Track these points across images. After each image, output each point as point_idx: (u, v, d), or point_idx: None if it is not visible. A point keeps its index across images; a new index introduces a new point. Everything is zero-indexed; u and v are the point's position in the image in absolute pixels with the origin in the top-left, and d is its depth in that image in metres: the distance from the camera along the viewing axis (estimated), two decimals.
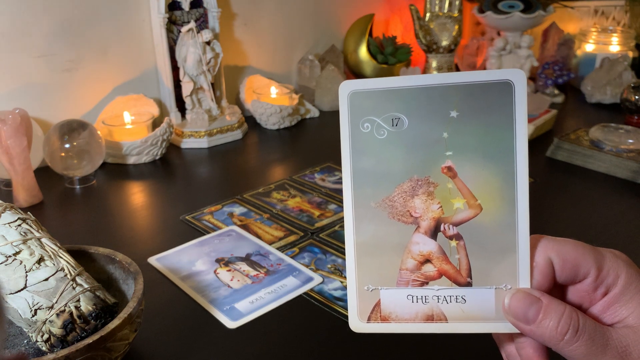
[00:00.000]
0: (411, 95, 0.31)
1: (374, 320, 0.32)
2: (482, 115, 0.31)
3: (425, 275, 0.32)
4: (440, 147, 0.31)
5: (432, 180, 0.31)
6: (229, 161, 1.00)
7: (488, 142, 0.31)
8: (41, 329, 0.46)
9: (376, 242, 0.32)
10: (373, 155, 0.32)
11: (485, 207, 0.31)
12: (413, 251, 0.32)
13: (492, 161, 0.31)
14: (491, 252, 0.31)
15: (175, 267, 0.65)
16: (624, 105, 1.09)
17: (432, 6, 1.36)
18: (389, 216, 0.32)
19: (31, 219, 0.51)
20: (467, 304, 0.31)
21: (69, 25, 0.96)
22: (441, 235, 0.31)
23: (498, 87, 0.30)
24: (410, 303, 0.32)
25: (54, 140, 0.86)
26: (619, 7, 1.48)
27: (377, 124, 0.32)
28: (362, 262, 0.32)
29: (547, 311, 0.29)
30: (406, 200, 0.32)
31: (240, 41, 1.22)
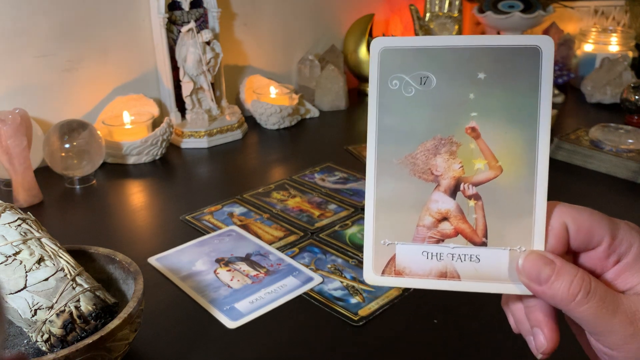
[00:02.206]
0: (441, 55, 0.31)
1: (388, 274, 0.33)
2: (508, 79, 0.31)
3: (441, 233, 0.32)
4: (465, 108, 0.31)
5: (455, 140, 0.32)
6: (229, 161, 1.00)
7: (513, 105, 0.31)
8: (41, 329, 0.46)
9: (396, 197, 0.32)
10: (399, 112, 0.32)
11: (505, 169, 0.31)
12: (431, 209, 0.32)
13: (515, 125, 0.31)
14: (508, 214, 0.31)
15: (175, 267, 0.65)
16: (624, 105, 1.09)
17: (432, 6, 1.36)
18: (410, 173, 0.32)
19: (31, 219, 0.51)
20: (481, 264, 0.32)
21: (69, 26, 0.96)
22: (460, 194, 0.32)
23: (526, 52, 0.31)
24: (425, 259, 0.32)
25: (54, 140, 0.86)
26: (619, 7, 1.48)
27: (406, 81, 0.32)
28: (381, 217, 0.32)
29: (559, 273, 0.29)
30: (428, 158, 0.32)
31: (240, 41, 1.22)
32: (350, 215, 0.77)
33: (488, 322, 0.55)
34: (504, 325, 0.55)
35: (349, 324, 0.55)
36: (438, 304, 0.58)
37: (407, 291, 0.60)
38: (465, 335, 0.53)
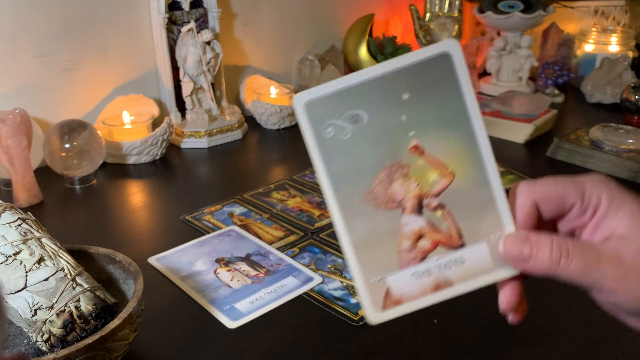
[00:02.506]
0: (362, 89, 0.32)
1: (389, 307, 0.34)
2: (431, 90, 0.32)
3: (422, 251, 0.33)
4: (402, 130, 0.33)
5: (403, 163, 0.33)
6: (229, 161, 1.00)
7: (443, 113, 0.32)
8: (41, 329, 0.46)
9: (370, 235, 0.33)
10: (343, 156, 0.33)
11: (457, 172, 0.33)
12: (405, 232, 0.33)
13: (451, 129, 0.33)
14: (474, 210, 0.33)
15: (175, 267, 0.65)
16: (624, 105, 1.09)
17: (432, 6, 1.36)
18: (374, 208, 0.33)
19: (31, 219, 0.51)
20: (467, 264, 0.33)
21: (69, 25, 0.96)
22: (426, 210, 0.33)
23: (437, 60, 0.32)
24: (416, 280, 0.34)
25: (54, 140, 0.86)
26: (619, 7, 1.48)
27: (339, 126, 0.32)
28: (363, 258, 0.33)
29: (538, 245, 0.31)
30: (386, 188, 0.33)
31: (240, 41, 1.22)
32: None
33: (488, 322, 0.55)
34: (504, 325, 0.55)
35: (349, 324, 0.55)
36: (438, 303, 0.58)
37: None
38: (465, 335, 0.53)
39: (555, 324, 0.55)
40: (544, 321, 0.55)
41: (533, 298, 0.38)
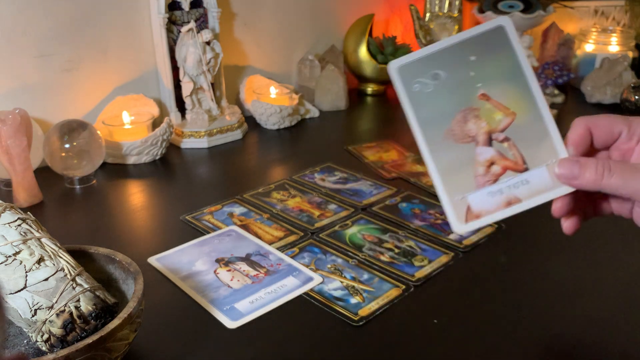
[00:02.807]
0: (439, 55, 0.42)
1: (470, 220, 0.42)
2: (492, 53, 0.42)
3: (494, 174, 0.41)
4: (472, 83, 0.42)
5: (474, 107, 0.42)
6: (229, 161, 1.00)
7: (502, 69, 0.41)
8: (41, 329, 0.46)
9: (451, 164, 0.42)
10: (427, 104, 0.42)
11: (517, 112, 0.41)
12: (479, 160, 0.42)
13: (509, 80, 0.41)
14: (533, 141, 0.41)
15: (175, 267, 0.65)
16: (624, 106, 1.09)
17: (432, 6, 1.36)
18: (454, 142, 0.42)
19: (31, 219, 0.51)
20: (531, 184, 0.41)
21: (69, 25, 0.96)
22: (495, 142, 0.41)
23: (495, 31, 0.41)
24: (491, 198, 0.41)
25: (54, 140, 0.86)
26: (619, 7, 1.48)
27: (423, 82, 0.42)
28: (447, 182, 0.42)
29: (585, 165, 0.39)
30: (462, 126, 0.42)
31: (240, 41, 1.22)
32: (350, 215, 0.77)
33: (488, 322, 0.55)
34: (504, 325, 0.55)
35: (349, 324, 0.55)
36: (438, 304, 0.58)
37: (407, 291, 0.60)
38: (465, 335, 0.53)
39: (555, 327, 0.55)
40: (541, 325, 0.55)
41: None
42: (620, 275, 0.62)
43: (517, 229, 0.73)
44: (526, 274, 0.64)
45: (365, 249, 0.68)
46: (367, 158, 0.97)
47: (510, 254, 0.67)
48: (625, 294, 0.59)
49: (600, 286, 0.61)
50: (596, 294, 0.60)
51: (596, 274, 0.63)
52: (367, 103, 1.35)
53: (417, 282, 0.62)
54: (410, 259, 0.66)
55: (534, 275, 0.63)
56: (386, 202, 0.81)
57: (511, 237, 0.71)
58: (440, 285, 0.61)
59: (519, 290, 0.60)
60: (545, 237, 0.71)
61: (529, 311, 0.57)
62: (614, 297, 0.59)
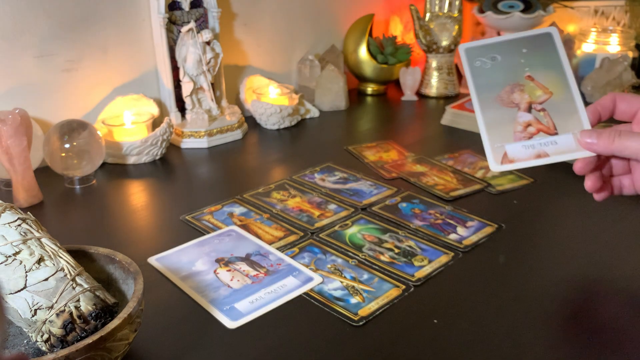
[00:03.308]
0: (499, 45, 0.56)
1: (504, 163, 0.52)
2: (540, 49, 0.55)
3: (529, 133, 0.53)
4: (521, 67, 0.55)
5: (521, 83, 0.54)
6: (229, 161, 1.00)
7: (547, 60, 0.55)
8: (41, 329, 0.46)
9: (496, 119, 0.54)
10: (484, 76, 0.55)
11: (554, 92, 0.54)
12: (519, 122, 0.53)
13: (551, 69, 0.54)
14: (564, 114, 0.53)
15: (175, 267, 0.65)
16: None
17: (432, 6, 1.36)
18: (500, 105, 0.54)
19: (31, 219, 0.51)
20: (559, 145, 0.52)
21: (69, 25, 0.96)
22: (534, 111, 0.53)
23: (545, 34, 0.55)
24: (524, 149, 0.52)
25: (54, 140, 0.86)
26: (619, 7, 1.48)
27: (483, 61, 0.56)
28: (490, 131, 0.53)
29: (600, 133, 0.50)
30: (509, 95, 0.54)
31: (240, 41, 1.22)
32: (350, 215, 0.77)
33: (488, 322, 0.55)
34: (503, 325, 0.55)
35: (349, 324, 0.55)
36: (438, 304, 0.58)
37: (407, 291, 0.60)
38: (465, 335, 0.53)
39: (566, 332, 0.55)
40: (542, 325, 0.55)
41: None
42: (620, 275, 0.62)
43: (517, 229, 0.73)
44: (526, 274, 0.63)
45: (365, 249, 0.68)
46: (367, 158, 0.97)
47: (510, 254, 0.67)
48: (625, 293, 0.59)
49: (601, 286, 0.61)
50: (596, 293, 0.60)
51: (597, 273, 0.63)
52: (367, 103, 1.35)
53: (417, 282, 0.62)
54: (410, 259, 0.66)
55: (534, 276, 0.63)
56: (386, 202, 0.81)
57: (511, 237, 0.71)
58: (440, 285, 0.61)
59: (519, 290, 0.60)
60: (545, 237, 0.71)
61: (529, 311, 0.57)
62: (614, 296, 0.59)
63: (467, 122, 1.11)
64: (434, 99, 1.36)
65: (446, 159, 0.96)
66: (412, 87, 1.34)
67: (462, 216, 0.76)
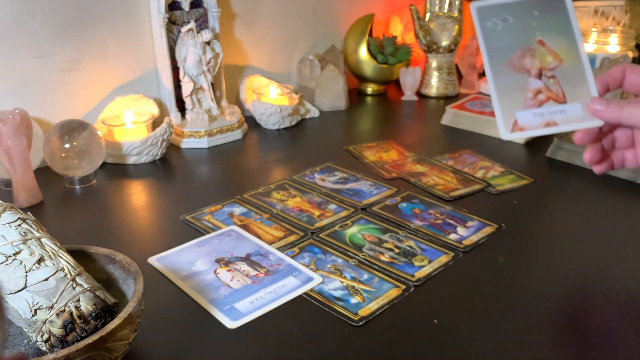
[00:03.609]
0: (511, 5, 0.54)
1: (514, 131, 0.53)
2: (552, 12, 0.54)
3: (539, 101, 0.53)
4: (533, 30, 0.54)
5: (532, 48, 0.54)
6: (229, 161, 1.00)
7: (558, 24, 0.54)
8: (41, 329, 0.46)
9: (508, 85, 0.54)
10: (496, 38, 0.54)
11: (565, 59, 0.54)
12: (530, 88, 0.53)
13: (562, 35, 0.54)
14: (573, 83, 0.53)
15: (175, 267, 0.65)
16: None
17: (432, 6, 1.36)
18: (511, 70, 0.54)
19: (31, 219, 0.51)
20: (567, 114, 0.53)
21: (69, 25, 0.96)
22: (544, 77, 0.53)
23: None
24: (534, 117, 0.53)
25: (54, 140, 0.86)
26: (619, 7, 1.48)
27: (495, 22, 0.54)
28: (502, 99, 0.54)
29: (609, 102, 0.51)
30: (520, 60, 0.54)
31: (240, 41, 1.22)
32: (350, 215, 0.77)
33: (488, 322, 0.55)
34: (503, 325, 0.55)
35: (349, 324, 0.55)
36: (438, 304, 0.58)
37: (407, 291, 0.60)
38: (465, 335, 0.53)
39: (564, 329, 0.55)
40: (542, 325, 0.55)
41: None
42: (620, 275, 0.62)
43: (517, 229, 0.73)
44: (526, 274, 0.63)
45: (365, 249, 0.68)
46: (367, 158, 0.97)
47: (510, 254, 0.67)
48: (625, 293, 0.59)
49: (601, 286, 0.61)
50: (596, 293, 0.60)
51: (597, 273, 0.63)
52: (367, 103, 1.35)
53: (417, 282, 0.62)
54: (410, 259, 0.66)
55: (534, 275, 0.63)
56: (386, 202, 0.81)
57: (511, 237, 0.71)
58: (440, 285, 0.61)
59: (519, 290, 0.60)
60: (545, 237, 0.71)
61: (529, 311, 0.57)
62: (614, 296, 0.59)
63: (467, 122, 1.11)
64: (434, 99, 1.36)
65: (446, 159, 0.96)
66: (412, 87, 1.34)
67: (462, 216, 0.76)
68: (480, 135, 1.08)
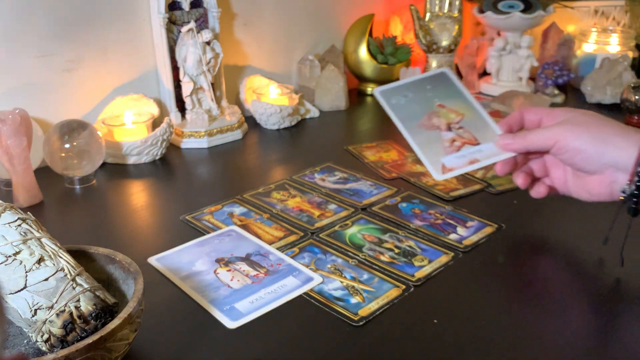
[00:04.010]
0: (407, 85, 0.69)
1: (445, 173, 0.63)
2: (440, 85, 0.69)
3: (457, 147, 0.64)
4: (431, 99, 0.68)
5: (435, 111, 0.67)
6: (229, 161, 1.00)
7: (449, 92, 0.69)
8: (41, 329, 0.46)
9: (426, 140, 0.65)
10: (404, 110, 0.67)
11: (465, 114, 0.67)
12: (445, 139, 0.65)
13: (455, 98, 0.68)
14: (479, 128, 0.66)
15: (175, 267, 0.65)
16: (624, 105, 1.09)
17: (432, 6, 1.36)
18: (425, 129, 0.66)
19: (31, 219, 0.51)
20: (484, 152, 0.64)
21: (69, 26, 0.97)
22: (454, 129, 0.66)
23: (440, 74, 0.70)
24: (458, 159, 0.64)
25: (54, 140, 0.86)
26: (619, 7, 1.48)
27: (398, 98, 0.68)
28: (425, 151, 0.64)
29: (514, 135, 0.62)
30: (429, 121, 0.66)
31: (240, 41, 1.22)
32: (350, 215, 0.77)
33: (487, 322, 0.55)
34: (503, 325, 0.55)
35: (349, 324, 0.55)
36: (438, 304, 0.58)
37: (407, 291, 0.60)
38: (465, 335, 0.53)
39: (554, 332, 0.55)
40: (542, 325, 0.55)
41: None
42: (620, 274, 0.62)
43: (517, 229, 0.73)
44: (526, 274, 0.64)
45: (365, 249, 0.68)
46: (367, 158, 0.97)
47: (510, 254, 0.67)
48: (625, 293, 0.59)
49: (601, 286, 0.61)
50: (596, 293, 0.60)
51: (597, 273, 0.63)
52: (367, 103, 1.35)
53: (417, 282, 0.62)
54: (410, 259, 0.66)
55: (534, 275, 0.63)
56: (386, 202, 0.81)
57: (511, 237, 0.71)
58: (440, 285, 0.61)
59: (519, 290, 0.60)
60: (545, 237, 0.71)
61: (529, 311, 0.57)
62: (614, 296, 0.59)
63: None
64: None
65: None
66: None
67: (462, 216, 0.76)
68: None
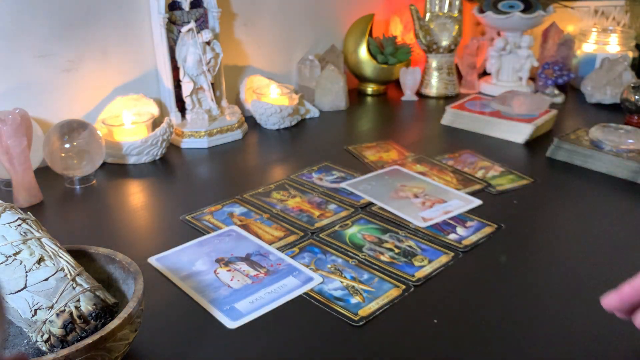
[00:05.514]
0: (369, 179, 0.81)
1: (425, 222, 0.73)
2: (397, 175, 0.83)
3: (428, 206, 0.78)
4: (393, 183, 0.81)
5: (400, 188, 0.80)
6: (229, 161, 1.00)
7: (405, 178, 0.80)
8: (41, 329, 0.46)
9: (400, 206, 0.77)
10: (372, 192, 0.79)
11: (425, 187, 0.74)
12: (415, 202, 0.78)
13: (411, 180, 0.78)
14: (442, 193, 0.75)
15: (175, 267, 0.65)
16: (624, 105, 1.09)
17: (432, 6, 1.36)
18: (397, 199, 0.72)
19: (31, 219, 0.51)
20: (453, 205, 0.78)
21: (69, 26, 0.96)
22: (414, 197, 0.78)
23: (394, 170, 0.89)
24: (434, 212, 0.75)
25: (54, 140, 0.86)
26: (619, 7, 1.48)
27: (364, 186, 0.80)
28: (403, 211, 0.74)
29: (618, 293, 0.49)
30: (397, 194, 0.76)
31: (240, 41, 1.22)
32: (350, 215, 0.77)
33: (488, 322, 0.55)
34: (503, 325, 0.55)
35: (349, 324, 0.55)
36: (438, 304, 0.58)
37: (407, 291, 0.60)
38: (464, 335, 0.53)
39: (554, 324, 0.55)
40: (542, 325, 0.55)
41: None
42: (620, 275, 0.62)
43: (517, 229, 0.73)
44: (526, 273, 0.64)
45: (365, 249, 0.68)
46: (367, 158, 0.97)
47: (510, 254, 0.67)
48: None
49: (600, 286, 0.61)
50: (597, 293, 0.60)
51: (596, 273, 0.63)
52: (367, 103, 1.35)
53: (417, 282, 0.62)
54: (410, 259, 0.66)
55: (534, 275, 0.63)
56: None
57: (511, 237, 0.71)
58: (440, 285, 0.61)
59: (519, 290, 0.60)
60: (545, 237, 0.71)
61: (529, 311, 0.57)
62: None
63: (467, 122, 1.11)
64: (434, 99, 1.36)
65: (446, 159, 0.96)
66: (412, 87, 1.34)
67: (462, 216, 0.76)
68: (480, 135, 1.08)
